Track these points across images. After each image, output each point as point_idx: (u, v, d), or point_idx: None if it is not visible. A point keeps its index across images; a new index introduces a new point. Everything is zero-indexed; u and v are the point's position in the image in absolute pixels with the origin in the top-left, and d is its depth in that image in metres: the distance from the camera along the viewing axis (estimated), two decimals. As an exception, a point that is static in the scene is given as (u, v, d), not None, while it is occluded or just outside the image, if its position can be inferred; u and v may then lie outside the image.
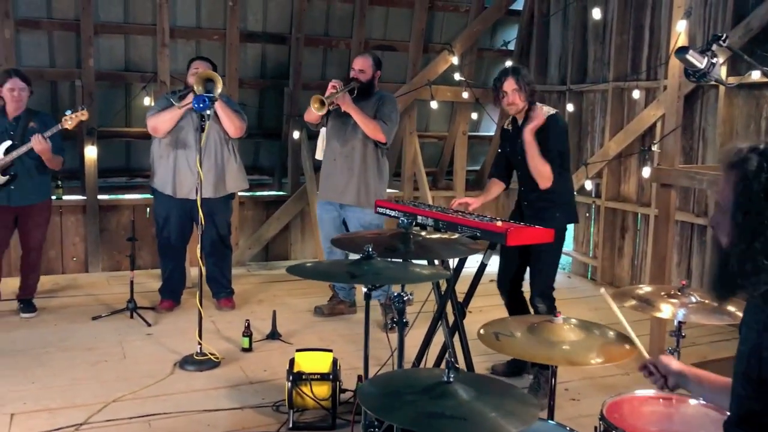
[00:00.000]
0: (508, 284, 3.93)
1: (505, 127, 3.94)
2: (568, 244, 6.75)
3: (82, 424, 3.21)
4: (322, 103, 4.39)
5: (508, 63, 6.61)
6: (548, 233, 3.35)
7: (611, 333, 2.41)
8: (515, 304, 3.92)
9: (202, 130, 4.00)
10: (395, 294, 2.09)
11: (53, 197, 5.71)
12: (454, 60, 6.69)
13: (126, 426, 3.22)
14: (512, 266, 3.87)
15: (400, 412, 1.46)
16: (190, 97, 4.39)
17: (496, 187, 4.00)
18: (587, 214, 6.50)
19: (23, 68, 5.45)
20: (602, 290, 2.23)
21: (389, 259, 2.51)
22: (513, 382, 3.80)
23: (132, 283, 4.78)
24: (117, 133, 6.15)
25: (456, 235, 3.11)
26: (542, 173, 3.62)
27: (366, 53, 4.93)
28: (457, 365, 1.60)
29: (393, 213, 3.81)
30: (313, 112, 4.55)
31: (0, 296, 4.78)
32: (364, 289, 2.29)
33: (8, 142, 4.50)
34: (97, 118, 5.86)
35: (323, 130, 4.97)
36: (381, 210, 3.90)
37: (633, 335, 2.17)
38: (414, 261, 2.70)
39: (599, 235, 6.23)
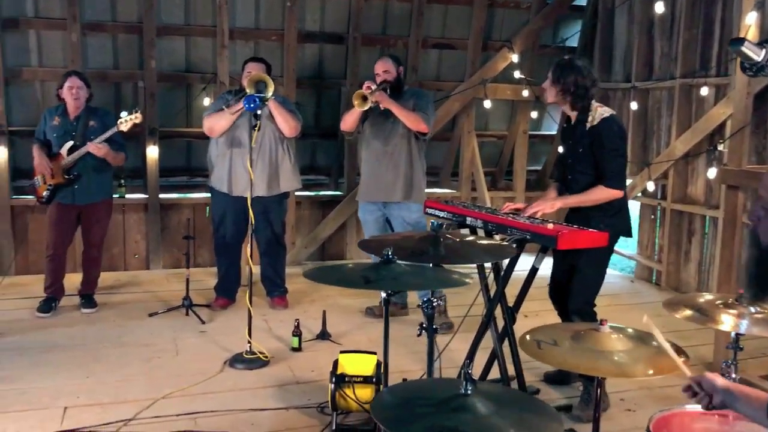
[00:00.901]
0: (558, 294, 3.74)
1: (563, 125, 3.79)
2: (633, 247, 6.51)
3: (131, 420, 3.27)
4: (364, 99, 4.43)
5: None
6: (602, 237, 3.21)
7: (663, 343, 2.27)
8: (567, 315, 3.73)
9: (255, 129, 4.03)
10: (425, 299, 2.02)
11: (116, 195, 5.89)
12: (514, 57, 6.55)
13: (172, 423, 3.26)
14: (563, 275, 3.66)
15: (411, 425, 1.39)
16: (239, 104, 4.44)
17: (554, 192, 3.83)
18: (652, 216, 6.25)
19: (88, 70, 5.66)
20: (644, 318, 2.07)
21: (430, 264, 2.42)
22: (562, 391, 3.73)
23: (188, 280, 4.87)
24: (178, 133, 6.27)
25: (498, 239, 3.00)
26: (610, 197, 3.43)
27: (383, 56, 4.92)
28: (473, 377, 1.51)
29: (442, 214, 3.74)
30: (350, 120, 4.68)
31: (64, 291, 4.93)
32: (383, 295, 2.21)
33: (71, 143, 4.64)
34: (158, 118, 5.99)
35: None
36: (430, 211, 3.84)
37: (676, 357, 2.01)
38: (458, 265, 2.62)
39: (665, 238, 5.98)
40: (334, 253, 6.59)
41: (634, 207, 7.02)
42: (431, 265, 2.51)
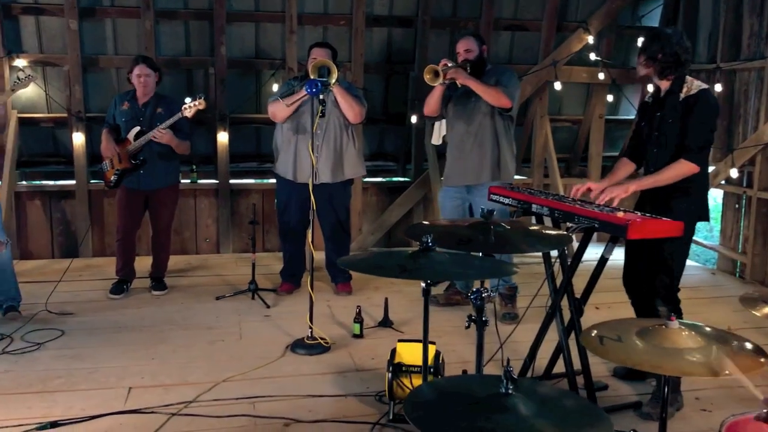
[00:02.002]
0: (633, 283, 3.57)
1: (646, 99, 3.60)
2: (715, 238, 6.17)
3: (191, 402, 3.30)
4: (436, 74, 4.32)
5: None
6: (676, 226, 3.01)
7: (738, 342, 2.10)
8: (643, 306, 3.54)
9: (318, 115, 3.99)
10: (474, 290, 1.91)
11: (188, 180, 6.02)
12: (590, 39, 6.28)
13: (231, 406, 3.27)
14: (638, 263, 3.48)
15: (444, 426, 1.29)
16: (300, 93, 4.43)
17: (624, 168, 3.62)
18: (736, 206, 5.89)
19: (161, 57, 5.77)
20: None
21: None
22: (634, 387, 3.55)
23: (253, 265, 4.91)
24: (247, 119, 6.32)
25: (567, 227, 2.85)
26: (687, 173, 3.24)
27: (465, 35, 4.74)
28: (514, 375, 1.40)
29: (507, 200, 3.61)
30: (431, 102, 4.55)
31: (134, 274, 5.06)
32: (423, 285, 2.10)
33: (138, 128, 4.72)
34: (228, 104, 6.06)
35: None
36: (494, 197, 3.70)
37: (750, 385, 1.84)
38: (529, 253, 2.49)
39: (750, 228, 5.62)
40: (401, 239, 6.52)
41: (717, 195, 6.66)
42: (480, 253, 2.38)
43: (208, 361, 3.83)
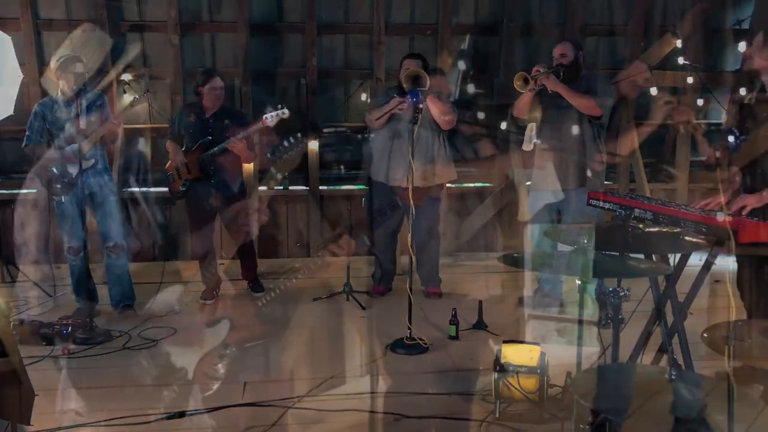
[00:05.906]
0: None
1: (746, 101, 3.53)
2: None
3: (303, 396, 3.47)
4: (526, 81, 4.42)
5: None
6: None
7: None
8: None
9: (415, 122, 4.13)
10: (610, 289, 2.00)
11: (280, 187, 6.25)
12: (678, 42, 6.22)
13: (342, 401, 3.42)
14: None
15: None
16: (392, 103, 4.62)
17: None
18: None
19: (255, 70, 6.02)
20: None
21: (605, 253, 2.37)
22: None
23: (348, 268, 5.08)
24: (336, 127, 6.51)
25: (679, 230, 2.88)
26: None
27: (562, 41, 4.86)
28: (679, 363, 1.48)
29: (607, 205, 3.64)
30: (521, 105, 4.59)
31: (219, 281, 5.20)
32: (578, 282, 2.21)
33: (208, 138, 4.79)
34: (318, 114, 6.27)
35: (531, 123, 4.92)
36: (594, 202, 3.74)
37: None
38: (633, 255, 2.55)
39: None
40: (486, 244, 6.60)
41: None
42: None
43: (314, 358, 4.02)
